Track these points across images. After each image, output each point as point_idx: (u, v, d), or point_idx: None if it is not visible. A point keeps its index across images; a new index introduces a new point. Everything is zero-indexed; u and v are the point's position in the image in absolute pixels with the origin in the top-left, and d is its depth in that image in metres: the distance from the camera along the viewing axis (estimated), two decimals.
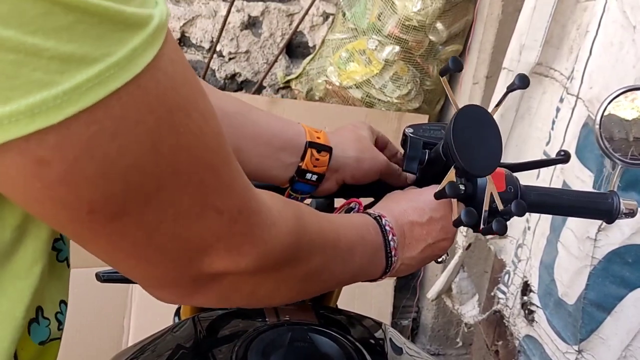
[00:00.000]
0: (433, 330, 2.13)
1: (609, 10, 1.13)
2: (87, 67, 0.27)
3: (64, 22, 0.26)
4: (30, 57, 0.26)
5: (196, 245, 0.38)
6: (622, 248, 1.13)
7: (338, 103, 1.90)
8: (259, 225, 0.41)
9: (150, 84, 0.30)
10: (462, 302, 1.60)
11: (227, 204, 0.38)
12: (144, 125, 0.31)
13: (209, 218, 0.37)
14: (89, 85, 0.28)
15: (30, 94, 0.26)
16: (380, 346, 0.71)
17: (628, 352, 1.17)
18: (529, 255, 1.40)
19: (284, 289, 0.49)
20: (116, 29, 0.28)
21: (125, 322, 1.64)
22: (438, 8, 1.75)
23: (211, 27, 1.95)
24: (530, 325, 1.40)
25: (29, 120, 0.27)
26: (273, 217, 0.42)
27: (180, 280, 0.40)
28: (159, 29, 0.30)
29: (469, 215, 0.59)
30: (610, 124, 0.72)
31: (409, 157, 0.69)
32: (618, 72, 1.11)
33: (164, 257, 0.37)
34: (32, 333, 0.42)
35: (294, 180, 0.63)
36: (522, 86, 0.66)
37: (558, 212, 0.86)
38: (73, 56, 0.27)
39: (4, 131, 0.27)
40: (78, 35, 0.27)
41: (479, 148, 0.62)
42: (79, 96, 0.28)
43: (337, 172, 0.66)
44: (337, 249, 0.52)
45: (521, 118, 1.43)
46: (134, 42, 0.29)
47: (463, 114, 0.61)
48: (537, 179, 1.34)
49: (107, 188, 0.31)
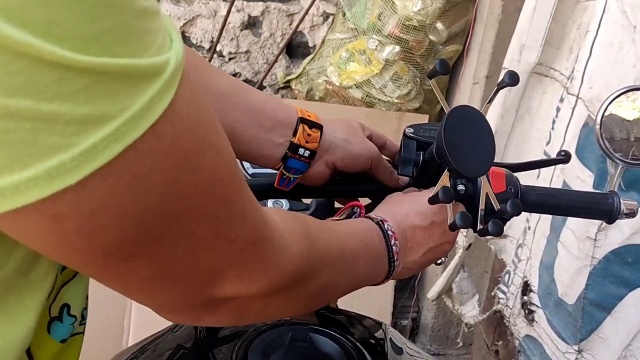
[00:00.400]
0: (433, 330, 2.13)
1: (609, 10, 1.13)
2: (104, 125, 0.27)
3: (79, 86, 0.26)
4: (47, 123, 0.26)
5: (208, 274, 0.38)
6: (622, 248, 1.13)
7: (338, 103, 1.90)
8: (271, 251, 0.41)
9: (166, 129, 0.30)
10: (462, 302, 1.60)
11: (240, 233, 0.38)
12: (160, 171, 0.30)
13: (221, 248, 0.37)
14: (106, 142, 0.27)
15: (48, 158, 0.26)
16: (381, 346, 0.71)
17: (628, 352, 1.17)
18: (529, 255, 1.40)
19: (293, 306, 0.49)
20: (132, 82, 0.28)
21: (125, 322, 1.64)
22: (438, 8, 1.75)
23: (211, 27, 1.95)
24: (530, 325, 1.40)
25: (47, 183, 0.27)
26: (285, 241, 0.42)
27: (191, 305, 0.40)
28: (174, 73, 0.29)
29: (464, 219, 0.59)
30: (611, 124, 0.72)
31: (403, 160, 0.69)
32: (618, 72, 1.11)
33: (175, 287, 0.37)
34: (53, 331, 0.42)
35: (287, 157, 0.63)
36: (511, 83, 0.66)
37: (559, 213, 0.86)
38: (90, 117, 0.27)
39: (22, 195, 0.26)
40: (94, 96, 0.26)
41: (472, 149, 0.61)
42: (96, 155, 0.27)
43: (327, 152, 0.66)
44: (343, 262, 0.52)
45: (521, 118, 1.43)
46: (150, 92, 0.28)
47: (454, 116, 0.61)
48: (538, 179, 1.34)
49: (122, 233, 0.31)
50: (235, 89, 0.62)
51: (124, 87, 0.27)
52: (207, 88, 0.60)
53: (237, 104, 0.61)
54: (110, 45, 0.26)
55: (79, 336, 0.46)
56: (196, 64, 0.60)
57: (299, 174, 0.65)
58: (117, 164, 0.28)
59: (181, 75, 0.30)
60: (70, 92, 0.26)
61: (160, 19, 0.30)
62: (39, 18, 0.24)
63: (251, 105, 0.62)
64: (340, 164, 0.67)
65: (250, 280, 0.40)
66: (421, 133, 0.70)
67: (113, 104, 0.27)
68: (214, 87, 0.60)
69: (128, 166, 0.29)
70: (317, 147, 0.64)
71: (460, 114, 0.62)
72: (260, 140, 0.63)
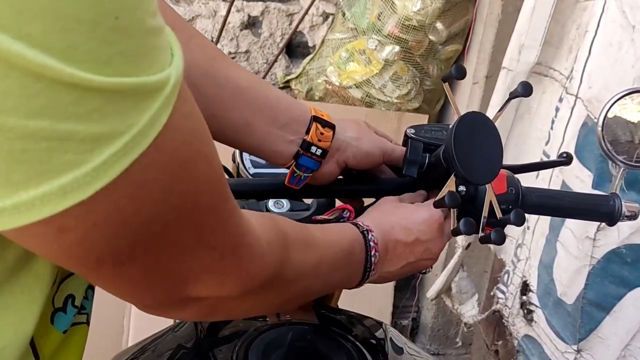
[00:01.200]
0: (433, 330, 2.13)
1: (608, 10, 1.13)
2: (115, 142, 0.28)
3: (94, 105, 0.27)
4: (63, 142, 0.26)
5: (185, 277, 0.39)
6: (622, 248, 1.13)
7: (338, 103, 1.90)
8: (247, 259, 0.42)
9: (166, 143, 0.31)
10: (462, 301, 1.60)
11: (221, 241, 0.39)
12: (158, 182, 0.32)
13: (201, 254, 0.38)
14: (115, 158, 0.28)
15: (62, 175, 0.27)
16: (381, 346, 0.71)
17: (627, 352, 1.17)
18: (528, 255, 1.41)
19: (263, 308, 0.53)
20: (140, 99, 0.29)
21: (125, 322, 1.64)
22: (438, 8, 1.75)
23: (211, 27, 1.95)
24: (529, 325, 1.40)
25: (61, 199, 0.27)
26: (261, 250, 0.43)
27: (164, 303, 0.41)
28: (174, 88, 0.30)
29: (468, 225, 0.59)
30: (614, 126, 0.72)
31: (409, 161, 0.68)
32: (617, 71, 1.11)
33: (154, 287, 0.39)
34: (56, 322, 0.43)
35: (299, 155, 0.64)
36: (524, 94, 0.66)
37: (559, 214, 0.86)
38: (102, 134, 0.27)
39: (37, 211, 0.27)
40: (107, 113, 0.27)
41: (480, 156, 0.61)
42: (106, 170, 0.28)
43: (339, 151, 0.66)
44: (318, 273, 0.53)
45: (521, 118, 1.44)
46: (154, 107, 0.29)
47: (464, 122, 0.61)
48: (537, 179, 1.34)
49: (118, 242, 0.32)
50: (252, 83, 0.63)
51: (134, 104, 0.28)
52: (225, 80, 0.60)
53: (254, 98, 0.62)
54: (122, 66, 0.27)
55: (81, 326, 0.47)
56: (215, 56, 0.61)
57: (310, 172, 0.65)
58: (123, 177, 0.29)
59: (179, 90, 0.31)
60: (86, 111, 0.27)
61: (165, 35, 0.31)
62: (60, 43, 0.25)
63: (268, 100, 0.63)
64: (352, 162, 0.67)
65: (223, 284, 0.41)
66: (422, 134, 0.70)
67: (123, 121, 0.28)
68: (232, 81, 0.61)
69: (132, 179, 0.30)
70: (329, 146, 0.65)
71: (470, 120, 0.62)
72: (273, 135, 0.63)
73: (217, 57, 0.61)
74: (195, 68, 0.59)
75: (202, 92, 0.59)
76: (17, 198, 0.27)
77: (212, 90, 0.60)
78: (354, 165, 0.68)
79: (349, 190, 0.72)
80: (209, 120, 0.61)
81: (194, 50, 0.60)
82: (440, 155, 0.64)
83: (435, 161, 0.67)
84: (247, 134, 0.62)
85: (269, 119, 0.63)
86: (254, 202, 0.69)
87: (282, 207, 0.71)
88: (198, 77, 0.59)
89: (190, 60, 0.58)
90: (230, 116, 0.61)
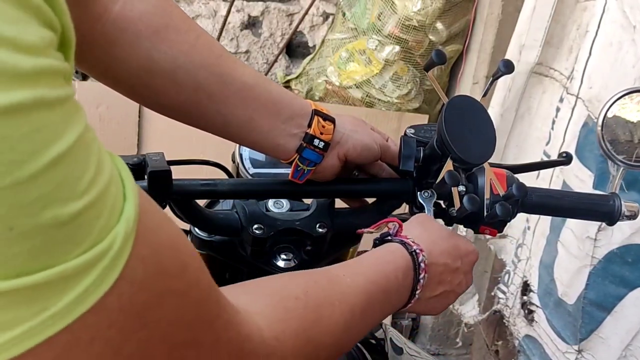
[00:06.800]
0: (433, 330, 2.13)
1: (609, 10, 1.13)
2: (19, 328, 0.26)
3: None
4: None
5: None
6: (622, 248, 1.13)
7: (338, 103, 1.90)
8: (251, 356, 0.40)
9: (113, 301, 0.28)
10: (462, 302, 1.60)
11: (206, 338, 0.36)
12: (103, 340, 0.29)
13: (185, 354, 0.35)
14: (15, 345, 0.26)
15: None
16: (381, 346, 0.71)
17: (628, 352, 1.17)
18: (528, 255, 1.40)
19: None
20: (55, 285, 0.26)
21: None
22: (438, 8, 1.75)
23: (211, 27, 1.95)
24: (530, 325, 1.40)
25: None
26: (270, 349, 0.41)
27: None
28: (124, 243, 0.28)
29: (472, 201, 0.59)
30: (614, 125, 0.72)
31: (404, 156, 0.69)
32: (618, 71, 1.11)
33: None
34: None
35: (302, 148, 0.65)
36: (506, 72, 0.66)
37: (559, 214, 0.86)
38: (6, 323, 0.25)
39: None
40: (14, 306, 0.25)
41: (473, 137, 0.62)
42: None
43: (339, 143, 0.67)
44: (349, 329, 0.50)
45: (521, 118, 1.44)
46: (82, 284, 0.27)
47: (453, 105, 0.62)
48: (537, 179, 1.34)
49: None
50: (257, 80, 0.64)
51: (46, 292, 0.26)
52: (231, 78, 0.61)
53: (259, 94, 0.63)
54: (25, 263, 0.25)
55: None
56: (221, 55, 0.62)
57: (313, 165, 0.66)
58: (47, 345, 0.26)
59: (136, 233, 0.29)
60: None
61: (107, 196, 0.28)
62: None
63: (271, 96, 0.64)
64: (352, 154, 0.68)
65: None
66: (422, 134, 0.71)
67: (31, 308, 0.26)
68: (237, 78, 0.62)
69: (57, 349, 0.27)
70: (331, 138, 0.66)
71: (459, 103, 0.63)
72: (276, 130, 0.64)
73: (222, 56, 0.62)
74: (202, 67, 0.60)
75: (208, 90, 0.60)
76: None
77: (218, 88, 0.61)
78: (354, 158, 0.69)
79: (349, 190, 0.72)
80: (214, 117, 0.62)
81: (202, 50, 0.60)
82: (434, 144, 0.65)
83: (430, 152, 0.67)
84: (251, 129, 0.63)
85: (272, 114, 0.64)
86: (254, 202, 0.69)
87: (282, 207, 0.71)
88: (205, 76, 0.60)
89: (198, 60, 0.59)
90: (235, 112, 0.62)
